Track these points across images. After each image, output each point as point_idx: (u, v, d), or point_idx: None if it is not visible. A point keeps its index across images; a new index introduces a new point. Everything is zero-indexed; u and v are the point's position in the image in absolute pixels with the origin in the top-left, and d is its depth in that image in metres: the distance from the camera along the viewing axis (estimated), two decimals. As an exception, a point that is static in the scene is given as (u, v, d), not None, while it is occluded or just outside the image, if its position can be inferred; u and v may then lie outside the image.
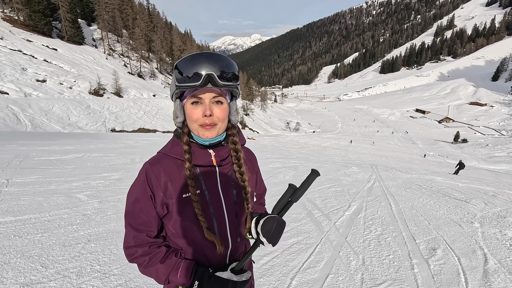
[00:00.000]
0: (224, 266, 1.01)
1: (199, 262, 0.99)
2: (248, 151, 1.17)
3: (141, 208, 0.96)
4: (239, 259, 1.09)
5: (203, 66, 0.86)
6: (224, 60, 0.90)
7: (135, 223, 0.96)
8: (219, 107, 0.94)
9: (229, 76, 0.91)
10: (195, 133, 0.96)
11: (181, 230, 0.97)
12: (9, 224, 3.44)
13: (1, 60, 31.78)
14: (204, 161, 0.99)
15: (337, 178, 8.66)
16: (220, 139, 1.00)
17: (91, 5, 61.75)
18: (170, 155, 0.99)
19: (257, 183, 1.23)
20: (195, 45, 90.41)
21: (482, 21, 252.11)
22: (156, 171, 0.96)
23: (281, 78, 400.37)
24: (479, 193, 7.13)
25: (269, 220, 0.99)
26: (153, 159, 1.01)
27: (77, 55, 48.47)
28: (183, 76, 0.88)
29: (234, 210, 1.04)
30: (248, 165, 1.11)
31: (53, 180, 5.76)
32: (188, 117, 0.94)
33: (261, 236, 0.98)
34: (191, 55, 0.89)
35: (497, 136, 65.55)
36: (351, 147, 40.90)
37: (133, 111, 38.08)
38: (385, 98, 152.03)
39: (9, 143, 10.77)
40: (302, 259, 3.14)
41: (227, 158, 1.04)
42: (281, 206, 1.01)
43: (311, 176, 0.99)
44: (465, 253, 3.45)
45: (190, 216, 0.96)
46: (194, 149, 0.98)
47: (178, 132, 1.00)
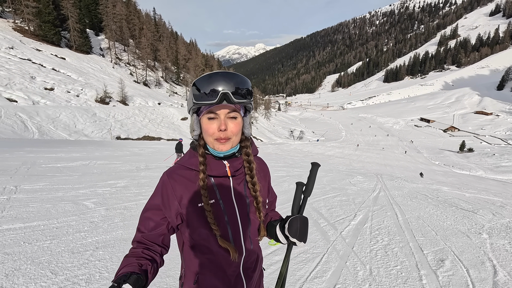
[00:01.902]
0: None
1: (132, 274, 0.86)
2: (260, 161, 1.21)
3: (150, 216, 1.02)
4: (252, 266, 1.12)
5: (219, 84, 0.91)
6: (238, 78, 0.95)
7: (144, 229, 1.01)
8: (233, 122, 0.98)
9: (243, 93, 0.95)
10: (210, 146, 1.01)
11: (198, 238, 1.01)
12: (19, 230, 3.49)
13: (11, 69, 32.52)
14: (219, 172, 1.03)
15: (342, 187, 8.63)
16: (234, 151, 1.05)
17: (99, 16, 63.24)
18: (187, 166, 1.03)
19: (269, 191, 1.26)
20: (200, 54, 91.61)
21: (486, 31, 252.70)
22: (172, 182, 1.01)
23: (285, 86, 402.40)
24: (487, 203, 7.05)
25: (293, 222, 1.05)
26: (171, 169, 1.06)
27: (85, 64, 49.40)
28: (201, 93, 0.93)
29: (247, 218, 1.07)
30: (260, 175, 1.15)
31: (60, 187, 5.83)
32: (205, 131, 0.99)
33: (292, 238, 1.05)
34: (208, 74, 0.94)
35: (503, 146, 64.78)
36: (355, 156, 40.69)
37: (138, 119, 38.47)
38: (389, 107, 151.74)
39: (17, 150, 10.94)
40: (309, 269, 3.13)
41: (241, 169, 1.08)
42: (298, 204, 1.10)
43: (313, 169, 1.10)
44: (473, 265, 3.41)
45: (205, 225, 0.99)
46: (209, 160, 1.03)
47: (195, 145, 1.05)
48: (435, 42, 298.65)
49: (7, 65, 32.95)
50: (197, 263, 1.04)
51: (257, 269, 1.16)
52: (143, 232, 1.01)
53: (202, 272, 1.03)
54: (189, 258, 1.06)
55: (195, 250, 1.03)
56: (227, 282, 1.05)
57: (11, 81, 30.28)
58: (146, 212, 1.03)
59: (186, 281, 1.07)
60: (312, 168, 1.11)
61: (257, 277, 1.18)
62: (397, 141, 72.11)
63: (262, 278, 1.26)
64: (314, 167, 1.10)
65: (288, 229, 1.05)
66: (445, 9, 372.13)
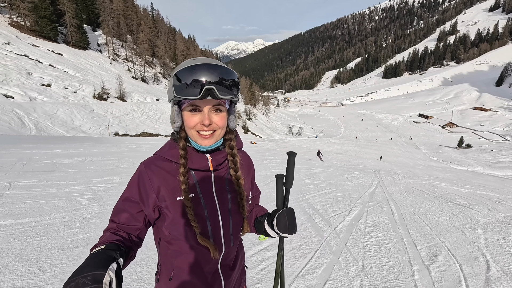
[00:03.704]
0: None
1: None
2: (245, 155, 1.17)
3: (126, 208, 0.97)
4: (231, 264, 1.09)
5: (202, 75, 0.85)
6: (222, 69, 0.89)
7: (117, 220, 0.96)
8: (218, 115, 0.93)
9: (228, 85, 0.89)
10: (192, 139, 0.96)
11: (175, 233, 0.97)
12: (9, 227, 3.46)
13: (8, 65, 32.22)
14: (200, 166, 0.99)
15: (338, 183, 8.62)
16: (217, 145, 1.00)
17: (96, 11, 62.54)
18: (166, 157, 0.98)
19: (253, 186, 1.23)
20: (198, 50, 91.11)
21: (485, 27, 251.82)
22: (150, 173, 0.96)
23: (283, 83, 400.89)
24: (483, 199, 7.05)
25: (280, 218, 1.03)
26: (149, 160, 1.00)
27: (82, 60, 49.01)
28: (181, 84, 0.86)
29: (228, 214, 1.03)
30: (244, 169, 1.11)
31: (55, 184, 5.79)
32: (186, 123, 0.94)
33: (282, 234, 1.03)
34: (191, 66, 0.86)
35: (501, 142, 64.85)
36: (353, 152, 40.71)
37: (136, 115, 38.33)
38: (388, 103, 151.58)
39: (13, 147, 10.87)
40: (301, 265, 3.12)
41: (224, 163, 1.04)
42: (281, 197, 1.09)
43: (290, 159, 1.08)
44: (467, 260, 3.40)
45: (183, 220, 0.95)
46: (190, 153, 0.98)
47: (176, 136, 1.00)
48: (434, 38, 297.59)
49: (3, 61, 32.63)
50: (173, 259, 1.00)
51: (236, 266, 1.12)
52: (117, 223, 0.95)
53: (178, 269, 1.00)
54: (165, 253, 1.02)
55: (172, 245, 0.99)
56: (204, 279, 1.01)
57: (7, 77, 30.03)
58: (122, 204, 0.98)
59: (161, 277, 1.04)
60: (288, 158, 1.08)
61: (237, 275, 1.15)
62: (396, 137, 72.19)
63: (244, 275, 1.23)
64: (291, 157, 1.07)
65: (277, 226, 1.03)
66: (445, 5, 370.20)
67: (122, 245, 0.88)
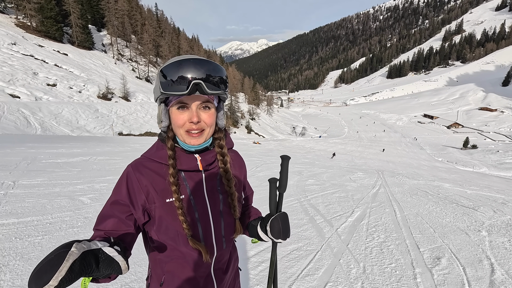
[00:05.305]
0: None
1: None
2: (236, 154, 1.14)
3: (114, 213, 0.90)
4: (224, 267, 1.07)
5: (189, 71, 0.83)
6: (210, 65, 0.87)
7: (103, 228, 0.88)
8: (207, 113, 0.91)
9: (216, 82, 0.87)
10: (180, 138, 0.93)
11: (165, 237, 0.94)
12: (12, 226, 3.48)
13: (14, 65, 32.59)
14: (189, 166, 0.95)
15: (341, 183, 8.56)
16: (206, 144, 0.97)
17: (101, 11, 63.07)
18: (154, 159, 0.95)
19: (245, 186, 1.20)
20: (202, 50, 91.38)
21: (491, 26, 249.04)
22: (138, 174, 0.93)
23: (287, 83, 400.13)
24: (488, 200, 6.95)
25: (274, 223, 1.00)
26: (136, 161, 0.97)
27: (87, 60, 49.43)
28: (167, 80, 0.84)
29: (220, 216, 1.01)
30: (236, 169, 1.08)
31: (58, 183, 5.83)
32: (174, 122, 0.91)
33: (276, 240, 1.01)
34: (178, 61, 0.84)
35: (508, 142, 64.06)
36: (357, 152, 40.49)
37: (140, 115, 38.52)
38: (392, 103, 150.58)
39: (19, 146, 10.98)
40: (301, 266, 3.09)
41: (214, 163, 1.00)
42: (275, 202, 1.05)
43: (284, 163, 1.04)
44: (471, 263, 3.35)
45: (173, 223, 0.92)
46: (179, 153, 0.94)
47: (163, 137, 0.97)
48: (439, 38, 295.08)
49: (9, 61, 33.02)
50: (163, 264, 0.98)
51: (229, 269, 1.10)
52: (104, 230, 0.87)
53: (168, 273, 0.97)
54: (155, 258, 0.99)
55: (162, 249, 0.96)
56: (196, 284, 0.99)
57: (13, 77, 30.37)
58: (109, 208, 0.91)
59: (152, 282, 1.02)
60: (282, 162, 1.04)
61: (231, 278, 1.13)
62: (400, 138, 71.65)
63: (237, 278, 1.21)
64: (284, 161, 1.04)
65: (270, 231, 1.00)
66: (450, 4, 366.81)
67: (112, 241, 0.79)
